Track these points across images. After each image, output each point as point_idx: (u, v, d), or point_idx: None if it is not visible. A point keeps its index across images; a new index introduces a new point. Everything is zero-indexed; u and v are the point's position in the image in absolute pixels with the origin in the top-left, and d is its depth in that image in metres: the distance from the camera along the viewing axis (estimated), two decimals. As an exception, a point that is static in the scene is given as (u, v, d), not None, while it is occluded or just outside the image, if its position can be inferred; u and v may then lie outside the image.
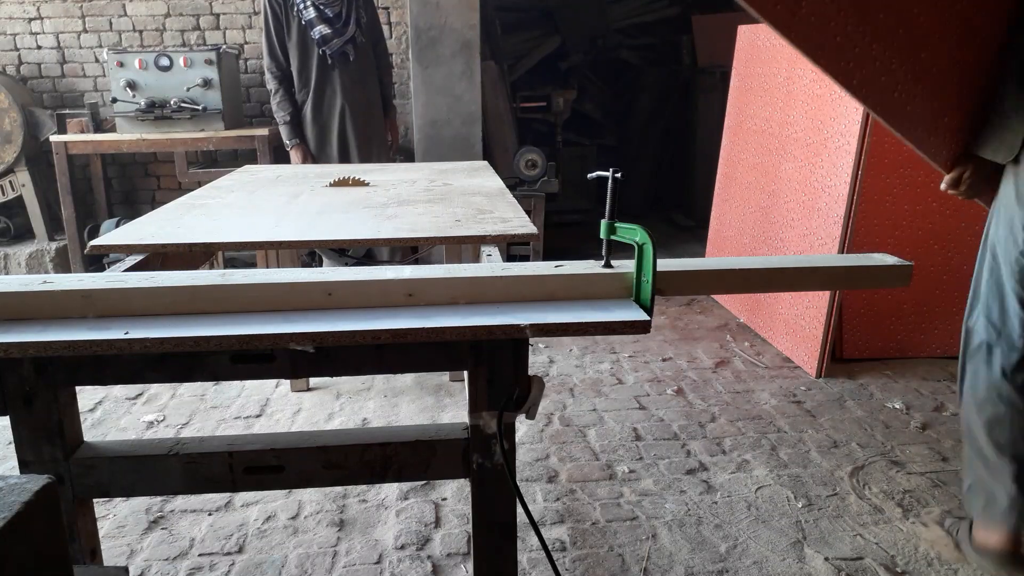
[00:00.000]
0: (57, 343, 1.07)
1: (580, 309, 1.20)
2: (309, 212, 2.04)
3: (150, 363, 1.20)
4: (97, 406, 2.91)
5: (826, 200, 3.07)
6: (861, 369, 3.10)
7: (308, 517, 2.15)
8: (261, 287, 1.20)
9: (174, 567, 1.96)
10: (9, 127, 4.55)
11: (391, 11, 5.02)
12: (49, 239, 4.82)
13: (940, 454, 2.45)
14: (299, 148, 3.63)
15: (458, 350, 1.24)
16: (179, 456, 1.27)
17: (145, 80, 4.43)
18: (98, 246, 1.71)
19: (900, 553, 1.96)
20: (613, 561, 1.95)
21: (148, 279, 1.22)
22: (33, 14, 4.92)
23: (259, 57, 5.05)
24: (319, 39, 3.49)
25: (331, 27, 3.47)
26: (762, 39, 3.71)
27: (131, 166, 5.21)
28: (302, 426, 2.73)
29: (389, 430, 1.38)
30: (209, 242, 1.72)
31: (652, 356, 3.33)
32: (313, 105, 3.62)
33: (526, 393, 1.27)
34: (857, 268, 1.34)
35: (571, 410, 2.81)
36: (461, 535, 2.06)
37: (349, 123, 3.66)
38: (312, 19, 3.46)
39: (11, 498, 0.61)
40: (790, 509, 2.16)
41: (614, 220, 1.27)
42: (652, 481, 2.31)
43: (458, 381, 3.04)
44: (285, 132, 3.64)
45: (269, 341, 1.11)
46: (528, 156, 4.64)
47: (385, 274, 1.24)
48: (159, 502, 2.22)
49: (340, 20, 3.49)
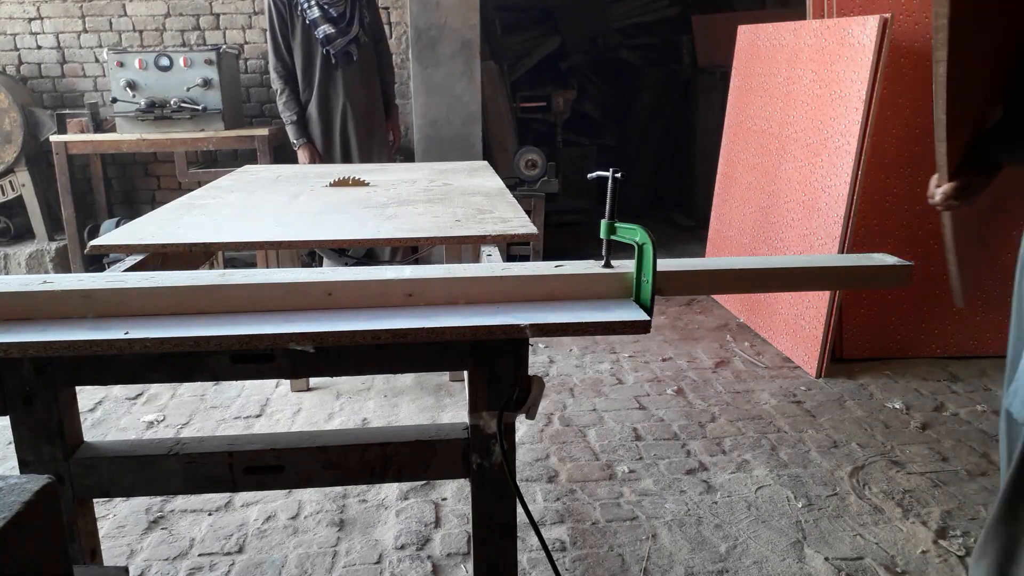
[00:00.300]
0: (57, 343, 1.07)
1: (580, 309, 1.20)
2: (309, 212, 2.04)
3: (150, 363, 1.20)
4: (97, 406, 2.91)
5: (826, 200, 3.07)
6: (861, 369, 3.10)
7: (308, 517, 2.15)
8: (261, 287, 1.20)
9: (174, 567, 1.96)
10: (9, 127, 4.55)
11: (391, 11, 5.02)
12: (49, 239, 4.82)
13: (940, 454, 2.45)
14: (307, 147, 3.64)
15: (458, 350, 1.24)
16: (179, 456, 1.27)
17: (145, 80, 4.43)
18: (98, 246, 1.71)
19: (900, 553, 1.96)
20: (613, 561, 1.95)
21: (148, 279, 1.22)
22: (33, 14, 4.92)
23: (259, 57, 5.05)
24: (323, 39, 3.50)
25: (335, 27, 3.48)
26: (762, 39, 3.71)
27: (131, 166, 5.21)
28: (302, 426, 2.73)
29: (389, 430, 1.38)
30: (209, 242, 1.72)
31: (652, 356, 3.33)
32: (317, 104, 3.63)
33: (526, 393, 1.27)
34: (857, 268, 1.34)
35: (571, 410, 2.81)
36: (461, 535, 2.06)
37: (351, 122, 3.66)
38: (316, 18, 3.47)
39: (11, 498, 0.61)
40: (790, 509, 2.16)
41: (614, 220, 1.27)
42: (652, 481, 2.31)
43: (458, 381, 3.04)
44: (292, 132, 3.65)
45: (269, 341, 1.11)
46: (528, 156, 4.64)
47: (385, 274, 1.24)
48: (159, 502, 2.22)
49: (344, 20, 3.49)
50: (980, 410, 2.75)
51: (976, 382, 2.98)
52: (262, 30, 5.02)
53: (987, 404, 2.78)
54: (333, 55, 3.53)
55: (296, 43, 3.54)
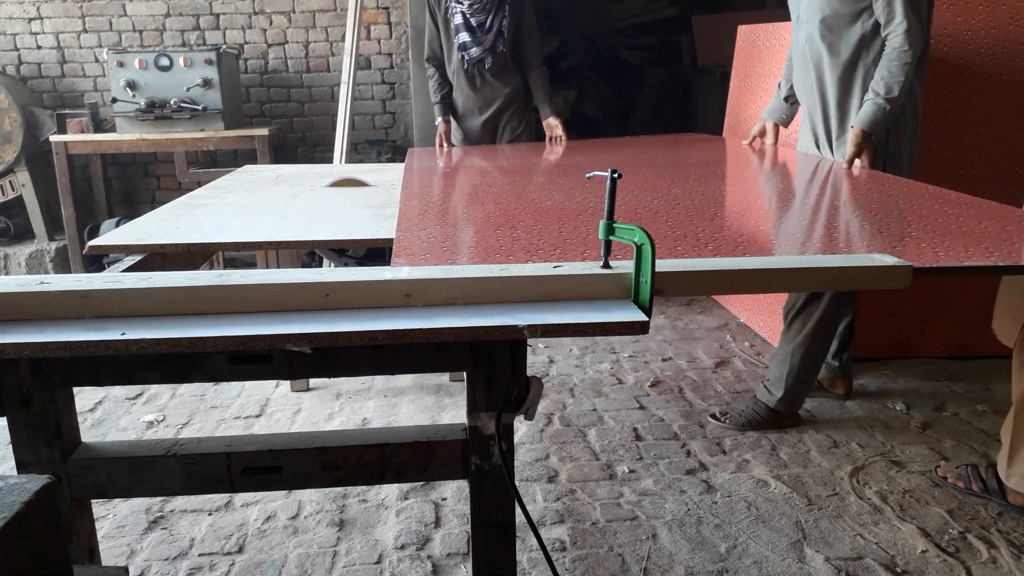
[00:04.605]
0: (54, 344, 1.07)
1: (578, 310, 1.20)
2: (309, 212, 2.04)
3: (147, 364, 1.19)
4: (97, 406, 2.91)
5: (826, 200, 3.06)
6: (861, 369, 3.09)
7: (308, 517, 2.15)
8: (258, 287, 1.20)
9: (174, 567, 1.95)
10: (9, 127, 4.55)
11: (391, 11, 5.02)
12: (49, 239, 4.83)
13: (940, 454, 2.45)
14: (441, 126, 3.79)
15: (456, 351, 1.24)
16: (177, 457, 1.27)
17: (145, 80, 4.43)
18: (97, 246, 1.71)
19: (900, 553, 1.96)
20: (613, 561, 1.95)
21: (145, 279, 1.22)
22: (33, 14, 4.92)
23: (259, 57, 5.06)
24: (459, 44, 3.64)
25: (472, 35, 3.60)
26: (762, 39, 3.71)
27: (131, 166, 5.21)
28: (302, 426, 2.73)
29: (387, 431, 1.38)
30: (208, 242, 1.72)
31: (652, 356, 3.32)
32: (455, 99, 3.81)
33: (524, 394, 1.26)
34: (857, 268, 1.33)
35: (571, 410, 2.81)
36: (461, 535, 2.06)
37: (479, 127, 3.80)
38: (458, 24, 3.61)
39: (11, 498, 0.61)
40: (790, 509, 2.16)
41: (613, 220, 1.27)
42: (652, 481, 2.31)
43: (458, 381, 3.04)
44: (435, 110, 3.83)
45: (266, 342, 1.10)
46: (528, 156, 4.63)
47: (383, 274, 1.24)
48: (159, 502, 2.22)
49: (483, 30, 3.60)
50: (980, 410, 2.74)
51: (976, 382, 2.98)
52: (262, 30, 5.02)
53: (987, 404, 2.78)
54: (467, 61, 3.66)
55: (443, 40, 3.71)
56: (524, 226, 1.71)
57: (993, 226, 1.62)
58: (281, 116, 5.16)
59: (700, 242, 1.55)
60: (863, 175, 2.31)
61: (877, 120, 2.35)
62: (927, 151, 3.09)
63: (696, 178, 2.38)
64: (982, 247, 1.46)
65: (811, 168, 2.53)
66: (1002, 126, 3.08)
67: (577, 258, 1.41)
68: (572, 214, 1.83)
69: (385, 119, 5.21)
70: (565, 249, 1.50)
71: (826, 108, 2.54)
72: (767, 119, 2.94)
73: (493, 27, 3.60)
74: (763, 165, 2.74)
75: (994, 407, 2.75)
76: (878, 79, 2.35)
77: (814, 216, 1.88)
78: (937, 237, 1.54)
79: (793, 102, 2.81)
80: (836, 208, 2.00)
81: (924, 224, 1.65)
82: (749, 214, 1.96)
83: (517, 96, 3.80)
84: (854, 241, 1.61)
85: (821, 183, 2.33)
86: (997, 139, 3.09)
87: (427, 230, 1.70)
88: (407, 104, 5.14)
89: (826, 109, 2.54)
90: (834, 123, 2.53)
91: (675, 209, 1.86)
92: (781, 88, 2.84)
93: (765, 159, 2.81)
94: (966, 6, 3.01)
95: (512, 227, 1.71)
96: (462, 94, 3.75)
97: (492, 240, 1.60)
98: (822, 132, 2.58)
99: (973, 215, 1.72)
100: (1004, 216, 1.70)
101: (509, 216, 1.84)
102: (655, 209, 1.86)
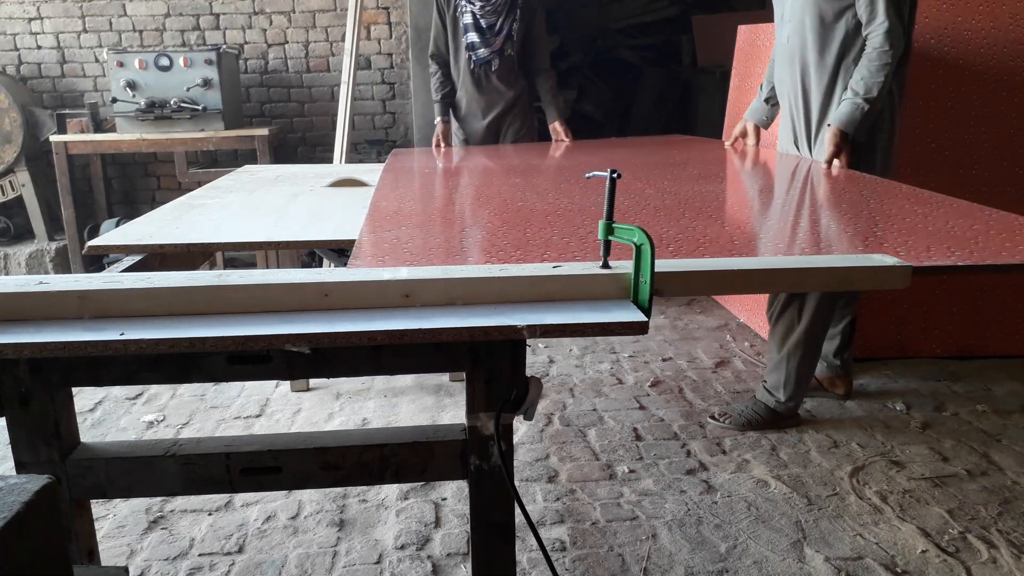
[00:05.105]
0: (52, 344, 1.07)
1: (578, 310, 1.20)
2: (309, 212, 2.04)
3: (146, 364, 1.19)
4: (97, 406, 2.91)
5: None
6: (861, 369, 3.09)
7: (308, 517, 2.15)
8: (257, 288, 1.20)
9: (174, 567, 1.95)
10: (9, 127, 4.55)
11: (391, 11, 5.02)
12: (49, 239, 4.83)
13: (940, 454, 2.45)
14: (439, 126, 3.77)
15: (455, 351, 1.24)
16: (176, 457, 1.27)
17: (145, 80, 4.43)
18: (97, 246, 1.71)
19: (900, 553, 1.96)
20: (613, 561, 1.95)
21: (144, 280, 1.22)
22: (33, 14, 4.92)
23: (259, 57, 5.06)
24: (467, 44, 3.62)
25: (481, 36, 3.59)
26: (762, 39, 3.71)
27: (131, 166, 5.21)
28: (302, 426, 2.73)
29: (387, 431, 1.38)
30: (208, 242, 1.72)
31: (652, 356, 3.32)
32: (459, 99, 3.80)
33: (524, 394, 1.26)
34: (857, 268, 1.33)
35: (571, 410, 2.80)
36: (461, 535, 2.05)
37: (482, 127, 3.78)
38: (467, 24, 3.59)
39: (11, 498, 0.61)
40: (790, 509, 2.16)
41: (612, 220, 1.27)
42: (652, 481, 2.31)
43: (458, 381, 3.03)
44: (435, 109, 3.82)
45: (265, 342, 1.10)
46: (528, 156, 4.63)
47: (382, 275, 1.24)
48: (159, 502, 2.22)
49: (492, 32, 3.58)
50: (980, 410, 2.74)
51: (976, 382, 2.98)
52: (262, 30, 5.02)
53: (987, 404, 2.78)
54: (473, 62, 3.65)
55: (450, 38, 3.69)
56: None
57: (960, 225, 1.61)
58: (281, 116, 5.16)
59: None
60: (841, 175, 2.31)
61: (855, 119, 2.34)
62: (927, 151, 3.09)
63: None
64: (944, 247, 1.45)
65: (790, 169, 2.53)
66: (1002, 126, 3.08)
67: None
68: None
69: (385, 119, 5.21)
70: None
71: (808, 107, 2.53)
72: (748, 120, 2.94)
73: (503, 30, 3.58)
74: (744, 165, 2.74)
75: (994, 407, 2.75)
76: (857, 78, 2.34)
77: (796, 218, 1.89)
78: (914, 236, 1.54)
79: (774, 104, 2.80)
80: (816, 208, 2.00)
81: (892, 223, 1.65)
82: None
83: (520, 99, 3.78)
84: (834, 240, 1.61)
85: (801, 184, 2.32)
86: (997, 139, 3.09)
87: (392, 232, 1.69)
88: (407, 104, 5.14)
89: (808, 108, 2.53)
90: (815, 122, 2.53)
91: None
92: (762, 89, 2.84)
93: (747, 160, 2.81)
94: (966, 6, 3.01)
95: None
96: (466, 94, 3.74)
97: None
98: (802, 131, 2.58)
99: (942, 215, 1.72)
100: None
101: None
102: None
